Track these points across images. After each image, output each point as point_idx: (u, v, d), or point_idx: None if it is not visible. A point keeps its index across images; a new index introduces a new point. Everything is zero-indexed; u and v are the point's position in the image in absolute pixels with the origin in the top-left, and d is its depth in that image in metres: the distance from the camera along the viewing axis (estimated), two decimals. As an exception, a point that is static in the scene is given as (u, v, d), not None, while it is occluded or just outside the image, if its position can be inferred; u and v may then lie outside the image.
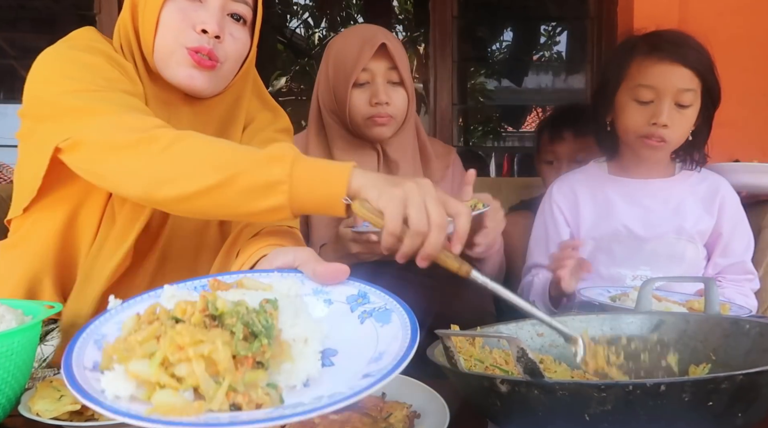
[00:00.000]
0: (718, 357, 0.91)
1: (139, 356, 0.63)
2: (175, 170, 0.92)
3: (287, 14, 6.99)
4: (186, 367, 0.62)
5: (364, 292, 0.82)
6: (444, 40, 3.30)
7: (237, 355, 0.63)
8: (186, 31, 1.10)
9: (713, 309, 1.02)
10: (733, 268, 1.53)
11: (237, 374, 0.62)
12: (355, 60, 1.56)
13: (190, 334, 0.62)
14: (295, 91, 7.05)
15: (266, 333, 0.65)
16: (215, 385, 0.62)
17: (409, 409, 0.89)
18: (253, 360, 0.64)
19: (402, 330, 0.74)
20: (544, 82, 6.34)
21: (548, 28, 5.87)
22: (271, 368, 0.66)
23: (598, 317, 1.02)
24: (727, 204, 1.55)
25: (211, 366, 0.62)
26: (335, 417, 0.85)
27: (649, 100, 1.44)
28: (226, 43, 1.13)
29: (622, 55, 1.51)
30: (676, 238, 1.51)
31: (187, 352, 0.62)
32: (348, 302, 0.81)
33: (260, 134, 1.24)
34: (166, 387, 0.62)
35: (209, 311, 0.66)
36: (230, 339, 0.64)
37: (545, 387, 0.68)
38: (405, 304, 0.79)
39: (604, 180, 1.59)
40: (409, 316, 0.76)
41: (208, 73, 1.12)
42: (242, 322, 0.65)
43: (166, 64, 1.13)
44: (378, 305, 0.79)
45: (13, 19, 4.51)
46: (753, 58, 2.44)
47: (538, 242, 1.62)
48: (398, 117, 1.60)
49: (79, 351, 0.69)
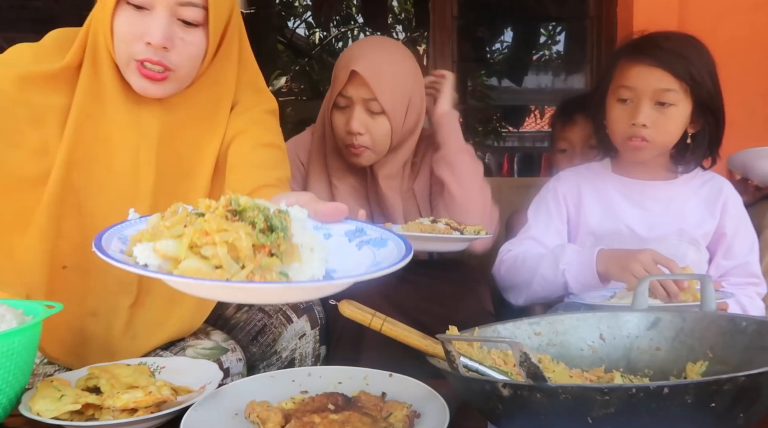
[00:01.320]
0: (715, 354, 0.92)
1: (167, 237, 0.71)
2: None
3: (287, 14, 6.99)
4: (211, 249, 0.69)
5: (361, 227, 0.87)
6: (444, 40, 3.30)
7: (256, 243, 0.70)
8: (134, 43, 1.09)
9: (709, 307, 1.02)
10: (737, 270, 1.53)
11: (255, 260, 0.70)
12: (334, 82, 1.54)
13: (216, 222, 0.70)
14: (295, 91, 7.04)
15: (282, 228, 0.73)
16: (236, 266, 0.69)
17: (409, 409, 0.90)
18: (269, 250, 0.71)
19: (397, 249, 0.80)
20: (544, 82, 6.33)
21: (548, 28, 5.86)
22: (282, 264, 0.72)
23: (595, 316, 1.02)
24: (730, 205, 1.54)
25: (232, 251, 0.70)
26: (335, 417, 0.85)
27: (628, 98, 1.46)
28: (177, 49, 1.11)
29: (611, 59, 1.54)
30: (678, 240, 1.51)
31: (213, 237, 0.69)
32: (346, 235, 0.86)
33: (245, 115, 1.23)
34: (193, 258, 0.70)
35: (232, 206, 0.73)
36: (251, 231, 0.71)
37: (548, 390, 0.69)
38: (401, 235, 0.84)
39: (607, 178, 1.60)
40: (404, 241, 0.81)
41: (160, 83, 1.12)
42: (263, 215, 0.72)
43: (124, 72, 1.13)
44: (374, 236, 0.85)
45: (13, 19, 4.51)
46: (753, 58, 2.44)
47: (540, 217, 1.60)
48: (377, 147, 1.55)
49: (106, 243, 0.74)
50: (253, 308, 1.35)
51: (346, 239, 0.86)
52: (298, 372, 1.06)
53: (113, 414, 0.91)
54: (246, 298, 0.75)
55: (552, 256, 1.47)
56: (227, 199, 0.74)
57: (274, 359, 1.31)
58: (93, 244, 0.73)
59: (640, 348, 0.98)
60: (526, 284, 1.50)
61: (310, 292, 0.75)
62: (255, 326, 1.33)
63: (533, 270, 1.48)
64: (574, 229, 1.60)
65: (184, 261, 0.69)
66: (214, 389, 0.97)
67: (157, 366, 1.09)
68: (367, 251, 0.83)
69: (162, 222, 0.74)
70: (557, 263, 1.44)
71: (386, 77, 1.51)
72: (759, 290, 1.54)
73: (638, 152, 1.48)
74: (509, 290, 1.56)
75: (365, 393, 0.96)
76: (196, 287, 0.71)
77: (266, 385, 1.00)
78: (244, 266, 0.70)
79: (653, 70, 1.43)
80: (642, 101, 1.43)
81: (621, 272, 1.32)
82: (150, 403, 0.91)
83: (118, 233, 0.78)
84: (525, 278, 1.50)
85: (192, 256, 0.70)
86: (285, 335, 1.30)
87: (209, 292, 0.72)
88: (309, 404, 0.92)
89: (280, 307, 1.32)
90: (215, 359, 1.16)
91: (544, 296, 1.50)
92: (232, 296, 0.73)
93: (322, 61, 7.23)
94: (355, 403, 0.92)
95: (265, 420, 0.87)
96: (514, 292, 1.55)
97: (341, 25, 7.38)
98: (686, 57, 1.43)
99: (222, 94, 1.23)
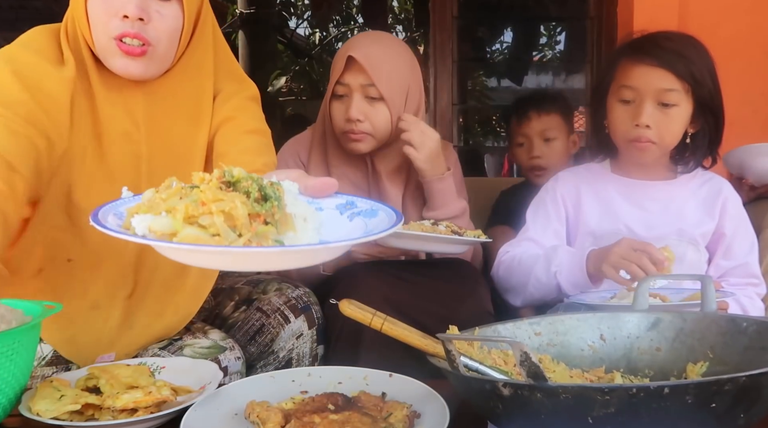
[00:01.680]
0: (716, 354, 0.91)
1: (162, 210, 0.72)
2: None
3: (287, 14, 7.00)
4: (208, 219, 0.71)
5: (351, 201, 0.88)
6: (444, 40, 3.30)
7: (251, 212, 0.72)
8: (110, 21, 1.10)
9: (710, 307, 1.02)
10: (736, 271, 1.53)
11: (251, 228, 0.72)
12: (332, 72, 1.55)
13: (212, 192, 0.72)
14: (295, 91, 7.05)
15: (275, 197, 0.75)
16: (234, 234, 0.71)
17: (409, 409, 0.89)
18: (264, 219, 0.73)
19: (388, 217, 0.82)
20: (544, 83, 6.33)
21: (548, 28, 5.86)
22: (278, 233, 0.74)
23: (596, 316, 1.02)
24: (730, 206, 1.54)
25: (228, 220, 0.71)
26: (335, 417, 0.85)
27: (631, 99, 1.45)
28: (154, 22, 1.12)
29: (612, 59, 1.53)
30: (678, 240, 1.51)
31: (209, 207, 0.71)
32: (337, 209, 0.88)
33: (230, 103, 1.25)
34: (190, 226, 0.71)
35: (225, 178, 0.75)
36: (246, 201, 0.73)
37: (548, 390, 0.68)
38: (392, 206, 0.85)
39: (606, 179, 1.59)
40: (395, 211, 0.83)
41: (141, 59, 1.12)
42: (257, 185, 0.74)
43: (104, 56, 1.13)
44: (365, 207, 0.87)
45: (13, 19, 4.51)
46: (753, 58, 2.44)
47: (538, 218, 1.60)
48: (378, 134, 1.56)
49: (102, 218, 0.75)
50: (251, 307, 1.35)
51: (337, 212, 0.87)
52: (297, 372, 1.06)
53: (113, 414, 0.91)
54: (244, 264, 0.75)
55: (544, 258, 1.48)
56: (221, 171, 0.75)
57: (272, 358, 1.31)
58: (90, 218, 0.74)
59: (641, 348, 0.98)
60: (522, 285, 1.51)
61: (307, 256, 0.75)
62: (253, 326, 1.33)
63: (528, 272, 1.49)
64: (573, 229, 1.59)
65: (182, 230, 0.71)
66: (214, 389, 0.97)
67: (157, 366, 1.09)
68: (359, 221, 0.85)
69: (157, 195, 0.75)
70: (549, 265, 1.45)
71: (384, 64, 1.53)
72: (758, 290, 1.53)
73: (643, 153, 1.48)
74: (507, 291, 1.57)
75: (365, 393, 0.96)
76: (196, 254, 0.71)
77: (266, 385, 1.00)
78: (241, 234, 0.71)
79: (655, 70, 1.42)
80: (644, 102, 1.43)
81: (604, 267, 1.33)
82: (150, 403, 0.91)
83: (114, 209, 0.79)
84: (521, 280, 1.51)
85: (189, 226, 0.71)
86: (282, 335, 1.30)
87: (209, 259, 0.73)
88: (309, 404, 0.92)
89: (278, 307, 1.32)
90: (213, 357, 1.16)
91: (540, 297, 1.51)
92: (230, 262, 0.74)
93: (322, 61, 7.24)
94: (355, 403, 0.92)
95: (265, 420, 0.87)
96: (512, 293, 1.56)
97: (341, 25, 7.39)
98: (687, 57, 1.42)
99: (203, 82, 1.24)
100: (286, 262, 0.78)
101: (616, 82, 1.48)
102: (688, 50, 1.44)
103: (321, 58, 7.29)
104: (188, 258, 0.73)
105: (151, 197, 0.75)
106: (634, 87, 1.44)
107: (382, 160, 1.62)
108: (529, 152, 2.12)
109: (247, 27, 5.42)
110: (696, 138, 1.51)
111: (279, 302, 1.33)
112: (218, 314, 1.38)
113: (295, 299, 1.34)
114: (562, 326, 1.01)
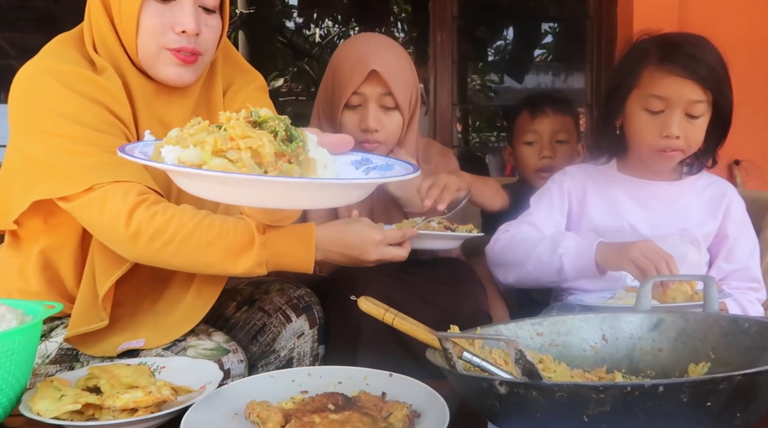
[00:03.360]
0: (718, 355, 0.91)
1: (191, 143, 0.74)
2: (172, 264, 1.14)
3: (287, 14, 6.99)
4: (235, 154, 0.73)
5: (366, 157, 0.91)
6: (444, 40, 3.30)
7: (277, 151, 0.75)
8: (166, 33, 1.14)
9: (712, 308, 1.02)
10: (737, 274, 1.53)
11: (276, 166, 0.75)
12: (347, 82, 1.53)
13: (241, 129, 0.74)
14: (294, 91, 7.04)
15: (300, 139, 0.77)
16: (260, 170, 0.74)
17: (410, 409, 0.89)
18: (288, 158, 0.76)
19: (404, 169, 0.85)
20: (544, 82, 6.33)
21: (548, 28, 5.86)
22: (301, 173, 0.77)
23: (598, 317, 1.02)
24: (733, 208, 1.55)
25: (255, 157, 0.74)
26: (335, 417, 0.85)
27: (660, 110, 1.43)
28: (204, 35, 1.17)
29: (635, 61, 1.49)
30: (680, 240, 1.51)
31: (237, 143, 0.73)
32: (353, 164, 0.90)
33: (240, 94, 1.30)
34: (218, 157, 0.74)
35: (252, 118, 0.77)
36: (272, 140, 0.75)
37: (543, 388, 0.69)
38: (408, 161, 0.87)
39: (613, 177, 1.59)
40: (411, 164, 0.86)
41: (192, 67, 1.18)
42: (284, 124, 0.77)
43: (152, 65, 1.18)
44: (380, 163, 0.90)
45: (13, 19, 4.51)
46: (753, 58, 2.45)
47: (542, 206, 1.60)
48: (389, 141, 1.57)
49: (129, 151, 0.78)
50: (253, 307, 1.35)
51: (353, 168, 0.90)
52: (298, 372, 1.06)
53: (113, 414, 0.91)
54: (268, 197, 0.77)
55: (551, 240, 1.48)
56: (247, 111, 0.78)
57: (273, 358, 1.31)
58: (117, 151, 0.78)
59: (643, 348, 0.98)
60: (519, 263, 1.50)
61: (328, 194, 0.78)
62: (254, 325, 1.33)
63: (529, 251, 1.48)
64: (575, 224, 1.60)
65: (211, 161, 0.73)
66: (214, 389, 0.97)
67: (157, 366, 1.09)
68: (375, 174, 0.88)
69: (185, 130, 0.77)
70: (556, 247, 1.45)
71: (400, 74, 1.55)
72: (759, 295, 1.54)
73: (670, 161, 1.49)
74: (500, 267, 1.56)
75: (365, 393, 0.96)
76: (221, 185, 0.74)
77: (266, 385, 1.00)
78: (266, 171, 0.74)
79: (687, 83, 1.40)
80: (674, 113, 1.42)
81: (619, 259, 1.34)
82: (150, 403, 0.91)
83: (138, 148, 0.83)
84: (519, 257, 1.50)
85: (217, 158, 0.74)
86: (284, 334, 1.30)
87: (234, 192, 0.75)
88: (309, 404, 0.92)
89: (279, 306, 1.32)
90: (216, 360, 1.16)
91: (535, 278, 1.50)
92: (255, 195, 0.76)
93: (322, 61, 7.23)
94: (355, 403, 0.92)
95: (265, 420, 0.87)
96: (504, 269, 1.55)
97: (342, 25, 7.38)
98: (714, 68, 1.42)
99: (216, 78, 1.29)
100: (308, 199, 0.80)
101: (641, 90, 1.45)
102: (715, 61, 1.43)
103: (321, 58, 7.29)
104: (213, 191, 0.76)
105: (179, 133, 0.78)
106: (665, 98, 1.42)
107: None
108: (540, 151, 1.96)
109: (246, 27, 5.43)
110: (707, 142, 1.51)
111: (281, 302, 1.33)
112: (220, 315, 1.38)
113: (297, 299, 1.34)
114: (564, 326, 1.01)
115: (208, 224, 1.10)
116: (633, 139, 1.50)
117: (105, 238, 1.13)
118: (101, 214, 1.09)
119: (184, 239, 1.09)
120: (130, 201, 1.08)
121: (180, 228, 1.09)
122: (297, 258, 1.17)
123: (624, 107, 1.50)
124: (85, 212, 1.10)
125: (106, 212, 1.08)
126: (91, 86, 1.13)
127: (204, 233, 1.10)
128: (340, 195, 0.80)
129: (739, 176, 2.68)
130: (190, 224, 1.10)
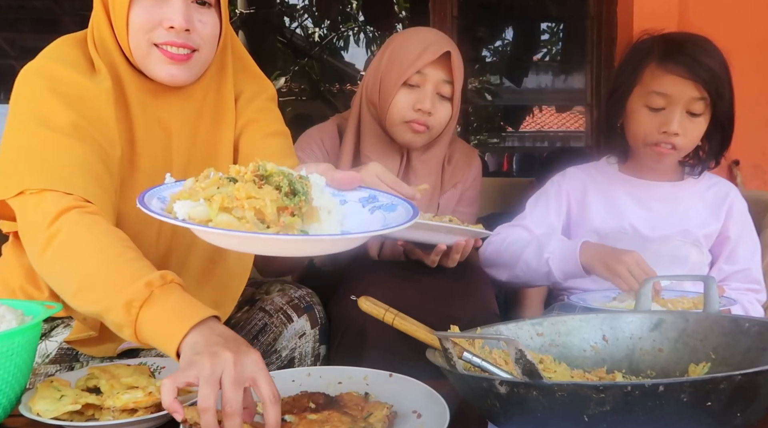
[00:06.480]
0: (718, 355, 0.91)
1: (201, 197, 0.82)
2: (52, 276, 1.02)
3: (287, 14, 7.00)
4: (240, 211, 0.80)
5: (373, 195, 0.97)
6: (444, 40, 3.29)
7: (280, 205, 0.81)
8: (155, 30, 1.12)
9: (712, 308, 1.02)
10: (738, 276, 1.53)
11: (279, 222, 0.81)
12: (414, 59, 1.52)
13: (245, 190, 0.81)
14: (295, 91, 7.05)
15: (303, 192, 0.83)
16: (263, 226, 0.81)
17: (390, 409, 0.90)
18: (291, 211, 0.82)
19: (406, 212, 0.91)
20: (544, 82, 6.34)
21: (548, 28, 5.86)
22: (303, 224, 0.84)
23: (598, 317, 1.02)
24: (735, 209, 1.55)
25: (259, 214, 0.81)
26: (313, 417, 0.86)
27: (661, 107, 1.43)
28: (197, 30, 1.14)
29: (637, 60, 1.49)
30: (682, 241, 1.51)
31: (242, 203, 0.80)
32: (360, 202, 0.96)
33: (252, 105, 1.28)
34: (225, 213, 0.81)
35: (259, 172, 0.83)
36: (276, 197, 0.81)
37: (544, 388, 0.69)
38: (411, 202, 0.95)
39: (614, 178, 1.59)
40: (412, 206, 0.93)
41: (185, 65, 1.15)
42: (288, 180, 0.83)
43: (145, 64, 1.15)
44: (385, 202, 0.96)
45: (13, 19, 4.52)
46: (753, 59, 2.44)
47: (537, 209, 1.60)
48: (435, 130, 1.57)
49: (148, 201, 0.85)
50: (254, 307, 1.35)
51: (360, 205, 0.95)
52: (298, 372, 1.06)
53: (113, 414, 0.91)
54: (271, 249, 0.84)
55: (537, 244, 1.48)
56: (255, 165, 0.84)
57: (274, 358, 1.31)
58: (137, 201, 0.83)
59: (643, 349, 0.98)
60: (509, 266, 1.51)
61: (327, 244, 0.85)
62: (256, 325, 1.33)
63: (517, 255, 1.49)
64: (575, 226, 1.59)
65: (218, 216, 0.80)
66: (215, 389, 0.97)
67: (157, 366, 1.09)
68: (379, 214, 0.93)
69: (197, 184, 0.84)
70: (542, 252, 1.45)
71: (462, 67, 1.58)
72: (759, 297, 1.54)
73: (663, 158, 1.48)
74: (493, 267, 1.57)
75: (349, 392, 0.96)
76: (228, 238, 0.81)
77: (267, 385, 1.00)
78: (269, 226, 0.81)
79: (687, 81, 1.41)
80: (675, 110, 1.42)
81: (605, 270, 1.35)
82: (150, 403, 0.91)
83: (157, 193, 0.89)
84: (508, 261, 1.51)
85: (223, 213, 0.81)
86: (285, 334, 1.30)
87: (239, 242, 0.82)
88: (289, 403, 0.92)
89: (280, 306, 1.32)
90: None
91: (526, 280, 1.51)
92: (258, 247, 0.84)
93: (322, 61, 7.24)
94: (336, 402, 0.92)
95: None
96: (497, 269, 1.56)
97: (342, 25, 7.39)
98: (715, 69, 1.42)
99: (226, 84, 1.26)
100: (308, 249, 0.90)
101: (643, 87, 1.46)
102: (716, 64, 1.43)
103: (321, 58, 7.29)
104: (222, 239, 0.83)
105: (192, 186, 0.85)
106: (667, 94, 1.42)
107: (419, 157, 1.62)
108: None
109: (246, 27, 5.43)
110: (707, 142, 1.51)
111: (282, 302, 1.33)
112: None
113: (298, 299, 1.34)
114: (564, 326, 1.01)
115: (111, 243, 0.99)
116: (631, 135, 1.50)
117: (24, 244, 1.06)
118: (24, 219, 1.04)
119: (74, 240, 0.99)
120: (55, 210, 1.00)
121: (82, 233, 0.99)
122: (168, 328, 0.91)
123: (625, 106, 1.50)
124: (18, 216, 1.06)
125: (29, 218, 1.03)
126: (72, 88, 1.11)
127: (103, 249, 0.98)
128: (340, 244, 0.85)
129: (740, 176, 2.67)
130: (96, 234, 0.99)
